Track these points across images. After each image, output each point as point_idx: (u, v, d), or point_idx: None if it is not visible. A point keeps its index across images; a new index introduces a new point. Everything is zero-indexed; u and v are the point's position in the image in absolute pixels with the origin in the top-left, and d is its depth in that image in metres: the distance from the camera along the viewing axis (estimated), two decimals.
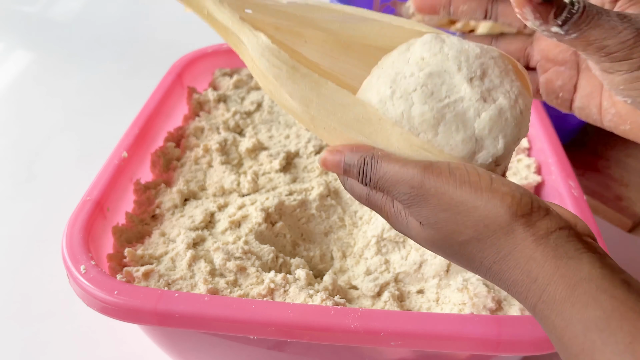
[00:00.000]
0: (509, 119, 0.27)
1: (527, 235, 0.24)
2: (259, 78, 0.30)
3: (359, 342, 0.37)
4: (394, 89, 0.27)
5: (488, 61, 0.28)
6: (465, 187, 0.24)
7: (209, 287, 0.42)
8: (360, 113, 0.28)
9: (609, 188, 0.71)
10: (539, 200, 0.25)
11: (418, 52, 0.28)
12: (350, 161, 0.27)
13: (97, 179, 0.48)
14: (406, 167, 0.26)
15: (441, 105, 0.27)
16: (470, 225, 0.24)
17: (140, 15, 1.18)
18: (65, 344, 0.54)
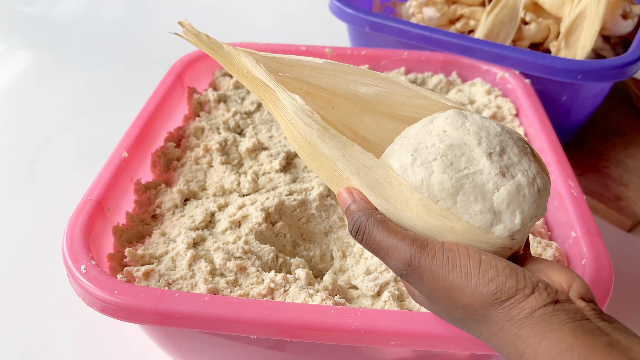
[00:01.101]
0: (526, 196, 0.28)
1: (512, 316, 0.26)
2: (291, 135, 0.32)
3: (359, 342, 0.37)
4: (415, 157, 0.29)
5: (507, 140, 0.29)
6: (455, 271, 0.27)
7: (209, 287, 0.42)
8: (382, 176, 0.30)
9: (609, 188, 0.71)
10: (525, 278, 0.27)
11: (441, 125, 0.30)
12: (352, 209, 0.30)
13: (98, 178, 0.48)
14: (402, 240, 0.28)
15: (460, 175, 0.28)
16: (462, 307, 0.27)
17: (140, 15, 1.19)
18: (65, 343, 0.54)
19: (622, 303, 0.55)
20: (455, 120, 0.30)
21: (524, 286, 0.26)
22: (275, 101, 0.33)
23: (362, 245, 0.30)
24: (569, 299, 0.27)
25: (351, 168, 0.30)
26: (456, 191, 0.28)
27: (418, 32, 0.70)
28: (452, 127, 0.29)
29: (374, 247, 0.29)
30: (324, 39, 0.97)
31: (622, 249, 0.64)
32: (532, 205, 0.29)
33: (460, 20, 0.82)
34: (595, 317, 0.26)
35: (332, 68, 0.33)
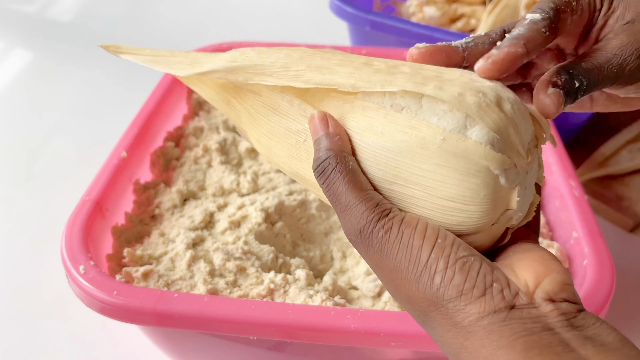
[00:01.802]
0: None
1: (457, 322, 0.22)
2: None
3: (359, 343, 0.37)
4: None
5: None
6: (404, 252, 0.23)
7: (209, 288, 0.42)
8: (336, 102, 0.26)
9: (610, 188, 0.71)
10: (477, 276, 0.22)
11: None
12: (322, 144, 0.25)
13: (97, 179, 0.48)
14: (364, 203, 0.24)
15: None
16: (404, 297, 0.24)
17: (140, 16, 1.18)
18: (64, 344, 0.54)
19: (624, 304, 0.55)
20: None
21: (473, 285, 0.22)
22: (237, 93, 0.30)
23: (320, 188, 0.26)
24: (532, 302, 0.22)
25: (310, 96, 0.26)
26: (420, 94, 0.24)
27: (418, 31, 0.70)
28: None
29: (333, 198, 0.25)
30: (324, 38, 0.97)
31: (623, 249, 0.63)
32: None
33: (461, 19, 0.81)
34: (564, 325, 0.21)
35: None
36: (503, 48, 0.25)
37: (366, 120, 0.25)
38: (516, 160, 0.24)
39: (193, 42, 0.79)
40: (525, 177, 0.25)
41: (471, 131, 0.23)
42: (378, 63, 0.26)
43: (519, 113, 0.25)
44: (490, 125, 0.23)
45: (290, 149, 0.29)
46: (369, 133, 0.25)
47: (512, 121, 0.24)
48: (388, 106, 0.25)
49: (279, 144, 0.29)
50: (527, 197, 0.26)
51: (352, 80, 0.25)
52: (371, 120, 0.25)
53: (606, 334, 0.22)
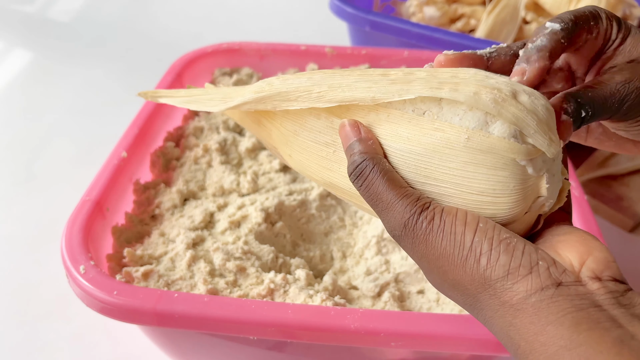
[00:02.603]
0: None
1: (505, 301, 0.22)
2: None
3: (359, 343, 0.37)
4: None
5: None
6: (448, 238, 0.24)
7: (209, 288, 0.42)
8: (362, 111, 0.27)
9: (610, 188, 0.71)
10: (523, 255, 0.23)
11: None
12: (356, 149, 0.26)
13: (97, 179, 0.48)
14: (404, 199, 0.25)
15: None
16: (452, 283, 0.24)
17: (140, 15, 1.18)
18: (64, 344, 0.54)
19: None
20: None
21: (519, 265, 0.22)
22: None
23: (358, 192, 0.27)
24: (578, 280, 0.22)
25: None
26: (439, 99, 0.25)
27: (418, 32, 0.70)
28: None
29: (373, 198, 0.25)
30: (324, 38, 0.97)
31: (623, 249, 0.63)
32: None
33: (460, 19, 0.81)
34: (611, 303, 0.21)
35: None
36: (533, 63, 0.27)
37: (392, 127, 0.26)
38: (547, 148, 0.24)
39: (193, 42, 0.79)
40: (552, 164, 0.26)
41: (493, 127, 0.24)
42: (394, 72, 0.27)
43: (538, 102, 0.25)
44: (510, 118, 0.24)
45: (321, 161, 0.30)
46: (396, 138, 0.26)
47: (533, 110, 0.24)
48: (410, 111, 0.26)
49: (310, 157, 0.30)
50: (555, 183, 0.26)
51: (371, 94, 0.26)
52: (397, 126, 0.26)
53: None
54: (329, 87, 0.28)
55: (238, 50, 0.70)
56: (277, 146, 0.32)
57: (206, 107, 0.33)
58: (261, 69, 0.71)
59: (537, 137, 0.24)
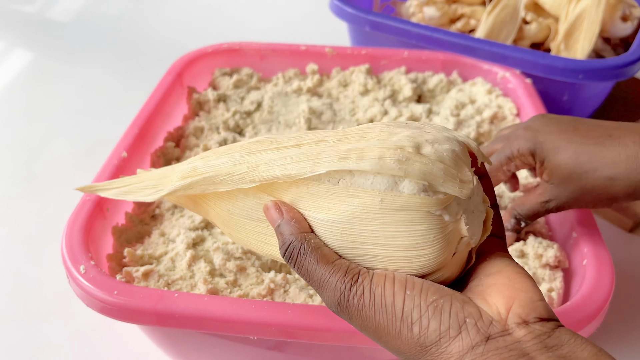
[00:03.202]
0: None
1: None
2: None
3: (359, 342, 0.37)
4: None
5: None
6: (380, 313, 0.24)
7: (209, 287, 0.42)
8: (284, 185, 0.28)
9: None
10: (450, 317, 0.24)
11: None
12: (283, 231, 0.27)
13: (97, 178, 0.48)
14: (334, 274, 0.25)
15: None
16: (393, 350, 0.25)
17: (140, 16, 1.18)
18: (64, 344, 0.54)
19: (624, 304, 0.55)
20: None
21: (448, 327, 0.23)
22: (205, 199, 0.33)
23: (294, 271, 0.27)
24: (505, 329, 0.23)
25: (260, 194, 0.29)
26: (347, 168, 0.26)
27: (418, 32, 0.70)
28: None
29: (306, 277, 0.26)
30: (324, 38, 0.97)
31: (623, 249, 0.63)
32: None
33: (460, 19, 0.81)
34: (538, 348, 0.22)
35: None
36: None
37: (313, 199, 0.27)
38: (458, 192, 0.25)
39: (193, 42, 0.79)
40: (468, 202, 0.27)
41: (402, 186, 0.25)
42: (307, 142, 0.28)
43: (442, 148, 0.26)
44: (417, 175, 0.25)
45: (259, 237, 0.31)
46: (319, 209, 0.27)
47: (438, 159, 0.26)
48: (326, 182, 0.27)
49: (248, 234, 0.31)
50: (476, 218, 0.27)
51: (287, 172, 0.28)
52: (317, 198, 0.27)
53: (580, 349, 0.22)
54: (248, 168, 0.29)
55: (238, 51, 0.70)
56: (217, 225, 0.34)
57: (140, 197, 0.34)
58: (261, 69, 0.71)
59: (447, 185, 0.25)
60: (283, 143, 0.29)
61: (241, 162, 0.29)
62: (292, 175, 0.27)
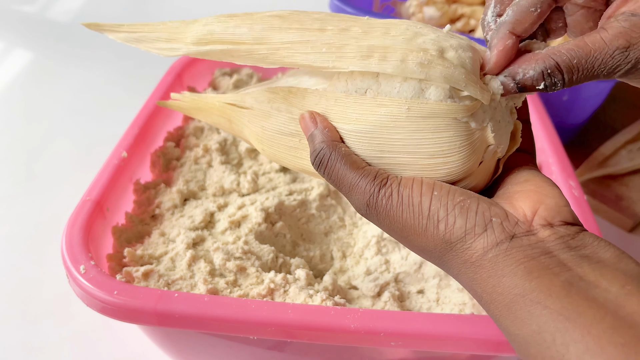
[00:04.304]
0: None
1: (465, 260, 0.24)
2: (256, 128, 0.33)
3: (359, 343, 0.37)
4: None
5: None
6: (408, 211, 0.25)
7: (209, 287, 0.42)
8: (314, 98, 0.29)
9: (610, 188, 0.71)
10: (477, 215, 0.24)
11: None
12: (315, 138, 0.28)
13: (97, 178, 0.48)
14: (364, 178, 0.26)
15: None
16: (418, 248, 0.26)
17: (140, 16, 1.18)
18: (64, 344, 0.54)
19: None
20: None
21: (474, 225, 0.24)
22: (240, 112, 0.33)
23: (323, 178, 0.28)
24: (530, 230, 0.24)
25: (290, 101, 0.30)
26: (376, 73, 0.27)
27: None
28: None
29: (336, 182, 0.27)
30: None
31: (623, 249, 0.64)
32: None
33: (460, 19, 0.81)
34: (561, 248, 0.23)
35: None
36: (493, 48, 0.27)
37: (342, 110, 0.27)
38: (480, 96, 0.26)
39: None
40: (494, 111, 0.27)
41: (429, 93, 0.26)
42: (331, 28, 0.28)
43: (465, 55, 0.26)
44: (438, 78, 0.25)
45: (291, 151, 0.31)
46: (347, 121, 0.27)
47: (460, 64, 0.26)
48: (354, 92, 0.27)
49: (280, 149, 0.32)
50: (503, 128, 0.28)
51: (309, 61, 0.28)
52: (346, 109, 0.27)
53: (603, 251, 0.23)
54: (268, 50, 0.29)
55: None
56: (251, 142, 0.34)
57: (153, 48, 0.33)
58: (261, 69, 0.71)
59: (469, 88, 0.26)
60: (307, 24, 0.29)
61: (262, 38, 0.29)
62: (314, 65, 0.27)
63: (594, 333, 0.20)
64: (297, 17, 0.29)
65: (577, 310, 0.21)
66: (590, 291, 0.21)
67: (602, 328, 0.20)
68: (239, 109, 0.33)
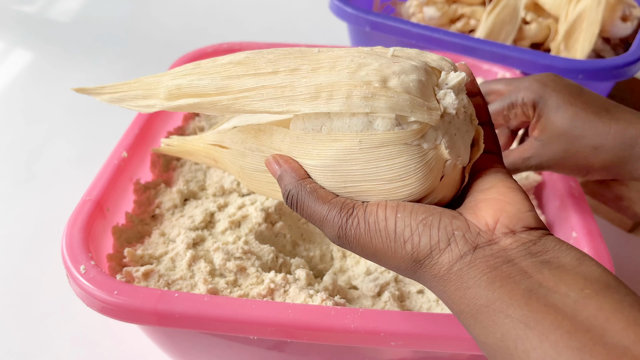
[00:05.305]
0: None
1: (434, 275, 0.25)
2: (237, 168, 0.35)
3: (359, 342, 0.37)
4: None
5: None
6: (376, 237, 0.26)
7: (209, 287, 0.42)
8: (280, 136, 0.30)
9: (610, 188, 0.71)
10: (439, 231, 0.25)
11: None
12: (283, 181, 0.29)
13: (97, 179, 0.48)
14: (331, 211, 0.28)
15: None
16: (393, 268, 0.27)
17: (140, 15, 1.18)
18: (65, 344, 0.54)
19: None
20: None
21: (438, 240, 0.25)
22: (220, 153, 0.35)
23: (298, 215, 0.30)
24: (492, 239, 0.25)
25: (258, 142, 0.31)
26: (317, 111, 0.28)
27: (418, 32, 0.70)
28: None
29: (309, 218, 0.29)
30: (324, 38, 0.97)
31: (623, 249, 0.64)
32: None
33: (460, 19, 0.81)
34: (522, 255, 0.24)
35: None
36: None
37: (303, 147, 0.29)
38: (428, 119, 0.26)
39: (193, 42, 0.79)
40: (449, 125, 0.27)
41: (376, 124, 0.27)
42: (282, 69, 0.29)
43: (409, 79, 0.27)
44: (384, 109, 0.26)
45: (269, 186, 0.33)
46: (309, 157, 0.29)
47: (405, 90, 0.26)
48: (311, 129, 0.28)
49: (260, 185, 0.34)
50: (462, 138, 0.28)
51: (266, 107, 0.29)
52: (306, 146, 0.29)
53: (564, 255, 0.24)
54: (229, 100, 0.30)
55: (238, 50, 0.70)
56: (236, 178, 0.36)
57: (132, 106, 0.36)
58: None
59: (415, 113, 0.26)
60: (260, 68, 0.30)
61: (223, 87, 0.30)
62: (271, 111, 0.29)
63: (551, 339, 0.21)
64: (253, 61, 0.31)
65: (536, 317, 0.21)
66: (549, 297, 0.22)
67: (560, 334, 0.21)
68: (221, 149, 0.36)
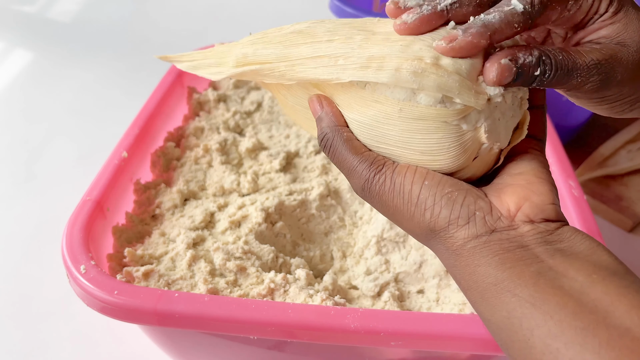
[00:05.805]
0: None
1: (448, 247, 0.26)
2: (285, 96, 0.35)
3: (359, 342, 0.37)
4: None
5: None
6: (399, 197, 0.27)
7: (209, 287, 0.42)
8: (332, 88, 0.30)
9: (609, 188, 0.71)
10: (461, 208, 0.26)
11: None
12: (321, 122, 0.30)
13: (97, 178, 0.48)
14: (362, 163, 0.28)
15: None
16: (407, 230, 0.28)
17: (140, 15, 1.18)
18: (65, 343, 0.54)
19: None
20: None
21: (458, 216, 0.26)
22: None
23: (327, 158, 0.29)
24: (511, 225, 0.25)
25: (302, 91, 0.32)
26: (366, 80, 0.28)
27: None
28: None
29: (338, 164, 0.29)
30: None
31: (622, 249, 0.64)
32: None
33: None
34: (537, 242, 0.24)
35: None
36: (467, 35, 0.25)
37: (347, 98, 0.29)
38: (474, 102, 0.26)
39: (194, 42, 0.79)
40: (493, 110, 0.27)
41: (420, 97, 0.27)
42: (337, 38, 0.30)
43: (462, 60, 0.26)
44: (431, 87, 0.26)
45: (308, 122, 0.34)
46: (349, 109, 0.29)
47: (455, 71, 0.26)
48: (355, 84, 0.29)
49: (300, 118, 0.34)
50: (505, 123, 0.28)
51: (317, 75, 0.29)
52: (349, 99, 0.29)
53: (579, 244, 0.24)
54: (286, 66, 0.31)
55: None
56: (280, 104, 0.37)
57: (206, 73, 0.36)
58: None
59: (462, 96, 0.26)
60: (318, 37, 0.30)
61: (283, 56, 0.31)
62: (321, 78, 0.29)
63: (556, 318, 0.21)
64: (313, 30, 0.31)
65: (543, 297, 0.22)
66: (557, 280, 0.22)
67: (565, 313, 0.21)
68: (278, 86, 0.35)
